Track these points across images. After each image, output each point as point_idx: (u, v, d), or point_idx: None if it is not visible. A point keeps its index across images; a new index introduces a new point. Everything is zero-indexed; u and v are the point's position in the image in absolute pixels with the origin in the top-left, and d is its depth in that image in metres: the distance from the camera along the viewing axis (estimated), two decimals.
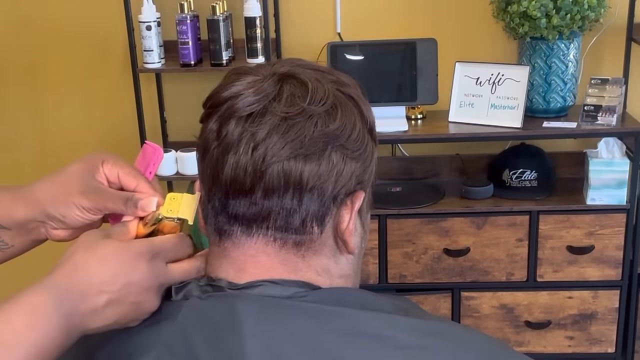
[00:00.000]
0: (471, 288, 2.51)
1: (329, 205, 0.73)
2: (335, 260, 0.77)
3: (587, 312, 2.50)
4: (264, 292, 0.72)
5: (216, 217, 0.75)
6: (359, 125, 0.74)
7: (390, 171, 2.74)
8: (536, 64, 2.41)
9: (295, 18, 2.66)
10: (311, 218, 0.73)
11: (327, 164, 0.72)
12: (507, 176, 2.53)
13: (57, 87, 2.80)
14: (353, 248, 0.77)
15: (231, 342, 0.68)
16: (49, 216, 0.79)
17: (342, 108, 0.73)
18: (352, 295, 0.75)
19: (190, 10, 2.46)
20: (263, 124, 0.70)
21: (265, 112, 0.71)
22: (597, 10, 2.32)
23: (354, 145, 0.73)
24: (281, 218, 0.72)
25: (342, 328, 0.69)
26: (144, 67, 2.48)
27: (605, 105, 2.36)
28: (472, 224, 2.45)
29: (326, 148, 0.71)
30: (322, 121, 0.71)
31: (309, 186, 0.71)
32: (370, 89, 2.46)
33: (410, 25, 2.62)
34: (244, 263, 0.74)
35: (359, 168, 0.75)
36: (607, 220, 2.42)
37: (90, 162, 0.81)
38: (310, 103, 0.71)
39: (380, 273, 2.51)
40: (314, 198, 0.72)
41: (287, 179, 0.71)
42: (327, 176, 0.72)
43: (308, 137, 0.71)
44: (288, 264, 0.74)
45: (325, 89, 0.73)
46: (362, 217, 0.79)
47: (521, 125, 2.37)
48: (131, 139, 2.75)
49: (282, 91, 0.72)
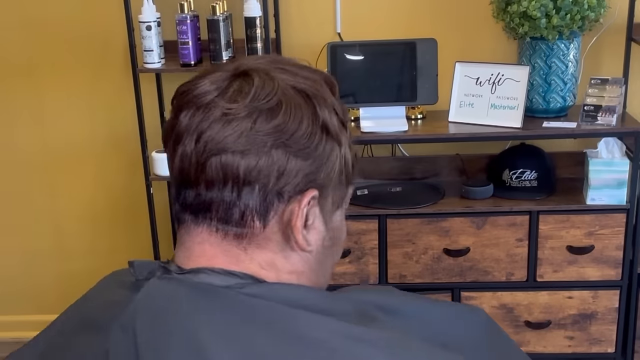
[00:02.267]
0: (471, 288, 2.51)
1: (272, 201, 0.74)
2: (284, 255, 0.77)
3: (587, 312, 2.50)
4: (205, 280, 0.74)
5: (175, 205, 0.79)
6: (306, 123, 0.74)
7: (390, 171, 2.74)
8: (536, 64, 2.41)
9: (295, 18, 2.66)
10: (251, 212, 0.74)
11: (266, 160, 0.73)
12: (507, 176, 2.53)
13: (57, 87, 2.80)
14: (303, 245, 0.77)
15: (164, 326, 0.70)
16: None
17: (288, 105, 0.74)
18: (295, 293, 0.76)
19: (190, 10, 2.46)
20: (206, 118, 0.73)
21: (211, 106, 0.73)
22: (597, 10, 2.32)
23: (300, 143, 0.74)
24: (222, 210, 0.75)
25: (269, 324, 0.70)
26: (144, 67, 2.48)
27: (605, 105, 2.36)
28: (472, 224, 2.45)
29: (266, 144, 0.72)
30: (262, 118, 0.73)
31: (246, 180, 0.73)
32: (370, 89, 2.49)
33: (410, 25, 2.62)
34: (192, 250, 0.77)
35: (308, 166, 0.75)
36: (607, 220, 2.42)
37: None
38: (252, 100, 0.73)
39: (380, 273, 2.51)
40: (255, 193, 0.74)
41: (225, 172, 0.73)
42: (267, 172, 0.73)
43: (245, 133, 0.72)
44: (230, 255, 0.76)
45: (274, 86, 0.74)
46: (325, 216, 0.79)
47: (521, 125, 2.37)
48: (131, 139, 2.75)
49: (229, 87, 0.74)
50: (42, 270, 3.05)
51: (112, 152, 2.86)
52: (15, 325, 3.03)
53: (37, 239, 3.00)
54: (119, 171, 2.88)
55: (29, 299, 3.08)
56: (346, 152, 0.79)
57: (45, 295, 3.06)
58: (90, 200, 2.94)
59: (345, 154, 0.79)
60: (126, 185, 2.89)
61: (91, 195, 2.94)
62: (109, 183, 2.91)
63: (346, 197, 0.83)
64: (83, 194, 2.94)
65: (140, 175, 2.64)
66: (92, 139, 2.85)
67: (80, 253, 3.00)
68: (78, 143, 2.86)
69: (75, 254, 3.01)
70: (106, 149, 2.86)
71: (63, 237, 2.99)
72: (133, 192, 2.84)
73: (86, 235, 2.98)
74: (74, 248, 3.00)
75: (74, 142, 2.86)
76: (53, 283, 3.05)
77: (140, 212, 2.80)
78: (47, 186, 2.93)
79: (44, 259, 3.03)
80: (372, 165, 2.74)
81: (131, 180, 2.84)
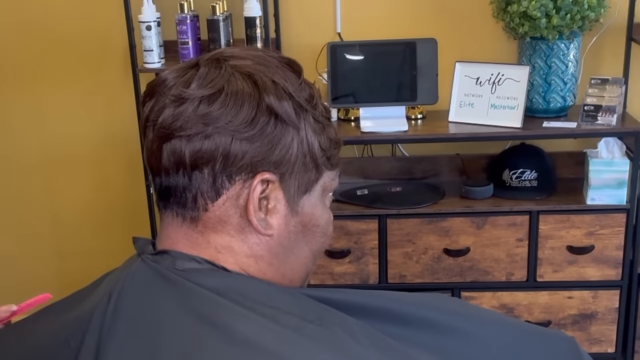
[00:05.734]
0: (471, 288, 2.51)
1: (223, 184, 0.76)
2: (242, 238, 0.79)
3: (587, 312, 2.50)
4: (166, 262, 0.78)
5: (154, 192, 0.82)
6: (248, 107, 0.75)
7: (390, 171, 2.74)
8: (536, 64, 2.41)
9: (295, 18, 2.66)
10: (203, 195, 0.77)
11: (209, 144, 0.75)
12: (507, 176, 2.53)
13: (57, 87, 2.80)
14: (259, 228, 0.78)
15: (121, 302, 0.76)
16: None
17: (234, 94, 0.75)
18: (243, 285, 0.77)
19: (190, 10, 2.46)
20: (161, 104, 0.77)
21: (166, 93, 0.77)
22: (597, 10, 2.32)
23: (242, 127, 0.75)
24: (178, 195, 0.78)
25: (199, 311, 0.72)
26: (144, 67, 2.48)
27: (605, 105, 2.36)
28: (472, 224, 2.45)
29: (207, 128, 0.74)
30: (204, 103, 0.75)
31: (193, 164, 0.76)
32: (370, 89, 2.48)
33: (410, 25, 2.62)
34: (162, 234, 0.82)
35: (255, 149, 0.76)
36: (607, 220, 2.42)
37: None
38: (199, 87, 0.76)
39: (380, 273, 2.51)
40: (204, 176, 0.76)
41: (175, 158, 0.76)
42: (212, 155, 0.75)
43: (189, 117, 0.75)
44: (189, 239, 0.79)
45: (221, 72, 0.77)
46: (290, 200, 0.79)
47: (521, 125, 2.37)
48: (131, 139, 2.75)
49: (182, 76, 0.78)
50: (41, 270, 3.05)
51: (112, 152, 2.86)
52: None
53: (36, 239, 3.00)
54: (118, 171, 2.88)
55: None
56: (309, 136, 0.79)
57: None
58: (90, 200, 2.94)
59: (308, 137, 0.79)
60: (126, 185, 2.89)
61: (91, 195, 2.94)
62: (108, 183, 2.91)
63: (319, 182, 0.82)
64: (83, 193, 2.93)
65: (140, 175, 2.64)
66: (92, 138, 2.85)
67: (80, 253, 3.00)
68: (78, 143, 2.86)
69: (75, 254, 3.01)
70: (106, 149, 2.86)
71: (63, 237, 2.99)
72: (133, 192, 2.84)
73: (86, 235, 2.98)
74: (73, 248, 3.00)
75: (74, 142, 2.86)
76: (53, 283, 3.05)
77: (140, 212, 2.80)
78: (47, 186, 2.93)
79: (43, 258, 3.03)
80: (372, 165, 2.74)
81: (131, 180, 2.84)
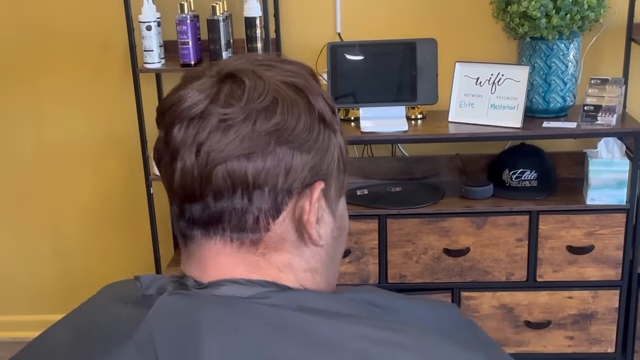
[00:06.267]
0: (471, 288, 2.51)
1: (283, 200, 0.73)
2: (299, 253, 0.76)
3: (587, 312, 2.50)
4: (227, 292, 0.72)
5: (178, 222, 0.76)
6: (304, 116, 0.73)
7: (390, 171, 2.74)
8: (536, 64, 2.41)
9: (295, 18, 2.66)
10: (265, 215, 0.73)
11: (272, 160, 0.71)
12: (507, 176, 2.53)
13: (57, 87, 2.80)
14: (317, 239, 0.76)
15: (188, 342, 0.68)
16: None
17: (284, 101, 0.72)
18: (316, 299, 0.74)
19: (190, 10, 2.46)
20: (203, 127, 0.71)
21: (205, 115, 0.71)
22: (597, 10, 2.32)
23: (302, 137, 0.73)
24: (234, 219, 0.73)
25: (293, 334, 0.68)
26: (144, 67, 2.48)
27: (605, 105, 2.36)
28: (472, 224, 2.45)
29: (269, 144, 0.71)
30: (261, 118, 0.71)
31: (256, 184, 0.71)
32: (370, 89, 2.49)
33: (410, 25, 2.62)
34: (206, 264, 0.75)
35: (312, 159, 0.74)
36: (607, 220, 2.42)
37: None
38: (247, 102, 0.71)
39: (380, 273, 2.51)
40: (265, 195, 0.72)
41: (233, 180, 0.71)
42: (275, 171, 0.71)
43: (247, 136, 0.70)
44: (248, 263, 0.74)
45: (265, 84, 0.72)
46: (331, 207, 0.78)
47: (521, 125, 2.37)
48: (131, 139, 2.75)
49: (220, 92, 0.72)
50: (41, 270, 3.05)
51: (112, 152, 2.86)
52: (14, 326, 3.03)
53: (36, 239, 3.00)
54: (118, 171, 2.88)
55: (28, 299, 3.08)
56: (340, 139, 0.78)
57: (44, 295, 3.06)
58: (90, 200, 2.94)
59: (340, 141, 0.78)
60: (126, 186, 2.89)
61: (91, 195, 2.94)
62: (108, 183, 2.91)
63: (345, 184, 0.82)
64: (83, 194, 2.94)
65: (140, 175, 2.64)
66: (92, 139, 2.85)
67: (79, 253, 3.00)
68: (78, 143, 2.86)
69: (74, 254, 3.01)
70: (106, 149, 2.86)
71: (62, 237, 2.99)
72: (133, 192, 2.84)
73: (86, 235, 2.98)
74: (73, 248, 3.00)
75: (74, 142, 2.86)
76: (52, 283, 3.05)
77: (140, 212, 2.80)
78: (47, 186, 2.93)
79: (43, 258, 3.03)
80: (372, 165, 2.74)
81: (131, 181, 2.84)
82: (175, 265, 2.73)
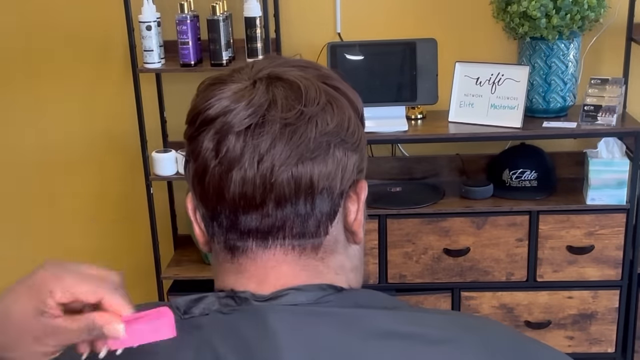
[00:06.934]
0: (471, 288, 2.51)
1: (338, 202, 0.73)
2: (347, 254, 0.77)
3: (587, 312, 2.50)
4: (291, 301, 0.71)
5: (225, 235, 0.73)
6: (353, 116, 0.74)
7: (390, 171, 2.74)
8: (536, 64, 2.41)
9: (295, 18, 2.66)
10: (326, 219, 0.72)
11: (333, 162, 0.71)
12: (507, 176, 2.53)
13: (57, 88, 2.80)
14: (361, 238, 0.77)
15: (266, 353, 0.67)
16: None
17: (335, 103, 0.72)
18: (370, 296, 0.75)
19: (190, 10, 2.46)
20: (264, 134, 0.69)
21: (264, 122, 0.69)
22: (597, 10, 2.32)
23: (352, 138, 0.73)
24: (297, 225, 0.71)
25: (373, 330, 0.69)
26: (144, 67, 2.48)
27: (605, 105, 2.36)
28: (472, 224, 2.45)
29: (330, 146, 0.70)
30: (321, 120, 0.70)
31: (319, 188, 0.70)
32: (370, 89, 2.49)
33: (410, 25, 2.62)
34: (265, 276, 0.73)
35: (358, 158, 0.74)
36: (607, 220, 2.42)
37: (36, 297, 0.66)
38: (306, 104, 0.70)
39: (380, 273, 2.51)
40: (325, 198, 0.71)
41: (298, 185, 0.69)
42: (335, 174, 0.71)
43: (312, 139, 0.69)
44: (309, 269, 0.73)
45: (315, 87, 0.72)
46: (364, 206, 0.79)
47: (521, 125, 2.37)
48: (131, 139, 2.75)
49: (274, 97, 0.70)
50: None
51: (112, 152, 2.86)
52: None
53: (36, 239, 3.00)
54: (118, 171, 2.88)
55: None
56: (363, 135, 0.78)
57: None
58: (90, 200, 2.94)
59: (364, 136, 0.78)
60: (126, 186, 2.89)
61: (91, 195, 2.93)
62: (108, 183, 2.91)
63: None
64: (83, 194, 2.93)
65: (140, 175, 2.64)
66: (92, 139, 2.85)
67: (80, 253, 3.00)
68: (78, 143, 2.86)
69: (75, 254, 3.00)
70: (106, 149, 2.86)
71: (62, 237, 2.99)
72: (133, 192, 2.84)
73: (86, 235, 2.98)
74: (73, 248, 3.00)
75: (74, 142, 2.86)
76: None
77: (140, 212, 2.80)
78: (47, 186, 2.93)
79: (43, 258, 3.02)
80: (372, 165, 2.73)
81: (131, 181, 2.84)
82: (175, 265, 2.72)
